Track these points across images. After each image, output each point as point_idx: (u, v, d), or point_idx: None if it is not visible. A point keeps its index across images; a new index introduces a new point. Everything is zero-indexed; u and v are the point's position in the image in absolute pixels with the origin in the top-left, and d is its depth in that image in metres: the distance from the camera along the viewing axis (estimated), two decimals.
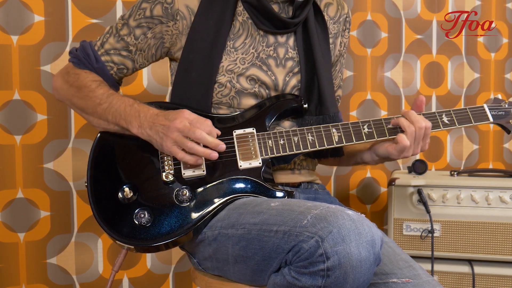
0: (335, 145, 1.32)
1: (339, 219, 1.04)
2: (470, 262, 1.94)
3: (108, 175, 1.29)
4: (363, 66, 2.36)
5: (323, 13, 1.46)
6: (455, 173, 2.05)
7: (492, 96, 2.56)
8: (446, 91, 2.50)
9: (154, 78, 2.07)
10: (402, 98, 2.43)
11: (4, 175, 1.91)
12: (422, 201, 1.93)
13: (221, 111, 1.37)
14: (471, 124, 1.38)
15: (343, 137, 1.32)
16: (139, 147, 1.30)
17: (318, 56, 1.40)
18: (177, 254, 2.13)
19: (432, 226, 1.91)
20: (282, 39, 1.40)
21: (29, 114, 1.92)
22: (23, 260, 1.94)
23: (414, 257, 1.39)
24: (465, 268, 1.95)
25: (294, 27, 1.39)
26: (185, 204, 1.24)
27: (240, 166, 1.28)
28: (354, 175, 2.38)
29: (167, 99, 2.07)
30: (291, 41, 1.41)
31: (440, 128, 1.36)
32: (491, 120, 1.39)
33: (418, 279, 1.16)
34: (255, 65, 1.37)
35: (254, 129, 1.32)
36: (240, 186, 1.27)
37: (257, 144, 1.30)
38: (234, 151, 1.29)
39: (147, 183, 1.27)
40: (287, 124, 1.39)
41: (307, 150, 1.31)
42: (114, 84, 1.41)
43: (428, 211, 1.91)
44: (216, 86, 1.35)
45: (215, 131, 1.25)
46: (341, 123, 1.34)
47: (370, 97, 2.38)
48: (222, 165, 1.28)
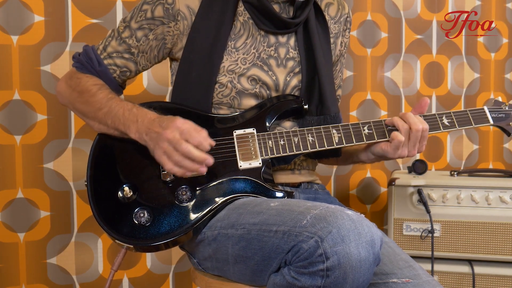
0: (335, 146, 1.32)
1: (338, 219, 1.04)
2: (470, 262, 1.94)
3: (108, 175, 1.29)
4: (363, 66, 2.36)
5: (324, 13, 1.46)
6: (455, 173, 2.05)
7: (492, 96, 2.56)
8: (446, 91, 2.50)
9: (154, 78, 2.07)
10: (402, 98, 2.43)
11: (4, 175, 1.91)
12: (422, 201, 1.92)
13: (221, 111, 1.37)
14: (471, 126, 1.38)
15: (343, 138, 1.32)
16: (139, 147, 1.29)
17: (319, 56, 1.40)
18: (177, 254, 2.13)
19: (432, 226, 1.90)
20: (283, 39, 1.40)
21: (29, 114, 1.92)
22: (23, 260, 1.94)
23: (414, 257, 1.39)
24: (465, 268, 1.95)
25: (295, 27, 1.39)
26: (184, 203, 1.24)
27: (240, 166, 1.28)
28: (354, 175, 2.38)
29: (167, 99, 2.07)
30: (292, 41, 1.41)
31: (440, 130, 1.36)
32: (491, 122, 1.40)
33: (418, 279, 1.16)
34: (256, 65, 1.37)
35: (254, 129, 1.32)
36: (240, 186, 1.27)
37: (257, 144, 1.30)
38: (234, 151, 1.29)
39: (147, 183, 1.27)
40: (287, 124, 1.39)
41: (307, 150, 1.31)
42: (117, 87, 1.40)
43: (428, 211, 1.91)
44: (216, 86, 1.35)
45: (207, 142, 1.18)
46: (341, 124, 1.34)
47: (370, 97, 2.38)
48: (222, 165, 1.28)
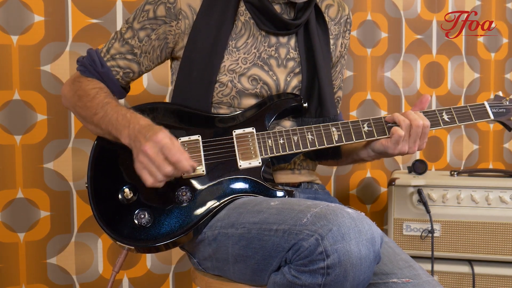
0: (335, 144, 1.31)
1: (339, 217, 1.04)
2: (470, 262, 1.94)
3: (108, 176, 1.29)
4: (363, 66, 2.36)
5: (324, 14, 1.46)
6: (455, 173, 2.05)
7: (492, 96, 2.56)
8: (446, 91, 2.50)
9: (154, 78, 2.07)
10: (402, 98, 2.43)
11: (4, 175, 1.91)
12: (422, 201, 1.92)
13: (221, 111, 1.37)
14: (472, 122, 1.36)
15: (343, 136, 1.32)
16: None
17: (319, 58, 1.40)
18: (177, 254, 2.13)
19: (432, 226, 1.90)
20: (283, 39, 1.40)
21: (29, 114, 1.92)
22: (23, 260, 1.94)
23: (414, 257, 1.39)
24: (465, 268, 1.95)
25: (295, 28, 1.39)
26: (184, 204, 1.24)
27: (240, 166, 1.28)
28: (354, 175, 2.38)
29: (167, 99, 2.07)
30: (293, 41, 1.41)
31: (440, 126, 1.35)
32: (492, 117, 1.38)
33: (418, 279, 1.16)
34: (256, 65, 1.37)
35: (253, 128, 1.32)
36: (240, 185, 1.27)
37: (256, 143, 1.30)
38: (234, 151, 1.29)
39: None
40: (287, 124, 1.39)
41: (307, 149, 1.31)
42: (120, 90, 1.40)
43: (428, 211, 1.91)
44: (217, 85, 1.35)
45: (188, 164, 1.16)
46: (340, 122, 1.33)
47: (370, 97, 2.38)
48: (221, 165, 1.27)
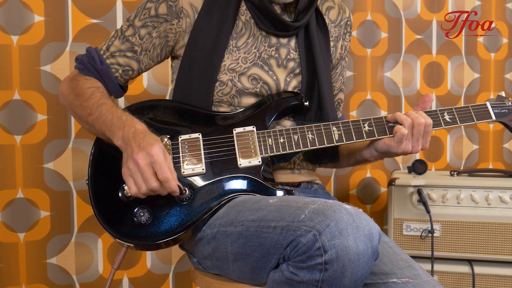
0: (335, 143, 1.31)
1: (336, 213, 1.04)
2: (470, 262, 1.94)
3: (109, 174, 1.28)
4: (363, 66, 2.36)
5: (324, 16, 1.46)
6: (455, 173, 2.05)
7: (492, 96, 2.56)
8: (446, 91, 2.50)
9: (154, 78, 2.07)
10: (402, 98, 2.43)
11: (4, 175, 1.91)
12: (422, 201, 1.92)
13: (221, 109, 1.37)
14: (473, 122, 1.36)
15: (343, 135, 1.32)
16: None
17: (319, 61, 1.40)
18: (177, 254, 2.13)
19: (432, 226, 1.90)
20: (284, 40, 1.40)
21: (29, 114, 1.92)
22: (23, 260, 1.94)
23: (414, 257, 1.39)
24: (465, 268, 1.94)
25: (294, 30, 1.40)
26: (184, 202, 1.24)
27: (240, 164, 1.28)
28: (354, 175, 2.38)
29: (167, 98, 2.06)
30: (293, 42, 1.41)
31: (441, 126, 1.34)
32: (494, 118, 1.37)
33: (418, 279, 1.16)
34: (256, 64, 1.37)
35: (254, 127, 1.32)
36: (239, 184, 1.27)
37: (257, 142, 1.30)
38: (234, 149, 1.29)
39: None
40: (287, 123, 1.39)
41: (307, 148, 1.30)
42: (117, 88, 1.39)
43: (428, 211, 1.91)
44: (217, 84, 1.35)
45: (172, 184, 1.16)
46: (341, 121, 1.33)
47: (370, 97, 2.38)
48: (221, 163, 1.27)
